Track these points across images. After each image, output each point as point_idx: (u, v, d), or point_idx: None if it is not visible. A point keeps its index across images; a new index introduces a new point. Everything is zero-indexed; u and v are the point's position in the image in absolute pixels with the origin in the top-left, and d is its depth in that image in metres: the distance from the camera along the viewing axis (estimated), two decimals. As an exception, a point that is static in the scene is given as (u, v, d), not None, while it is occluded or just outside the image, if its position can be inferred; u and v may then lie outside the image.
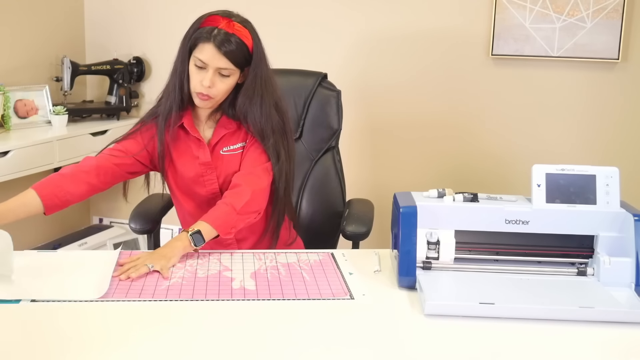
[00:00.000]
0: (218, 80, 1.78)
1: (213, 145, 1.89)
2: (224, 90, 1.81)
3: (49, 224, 3.37)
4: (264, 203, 1.84)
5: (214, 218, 1.73)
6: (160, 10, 3.37)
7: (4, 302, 1.43)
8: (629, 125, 2.95)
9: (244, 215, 1.77)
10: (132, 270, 1.57)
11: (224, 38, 1.75)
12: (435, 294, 1.43)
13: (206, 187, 1.90)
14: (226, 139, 1.89)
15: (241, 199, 1.76)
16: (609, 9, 2.82)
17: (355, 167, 3.09)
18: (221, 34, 1.75)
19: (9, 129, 2.94)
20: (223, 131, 1.88)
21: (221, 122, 1.89)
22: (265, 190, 1.83)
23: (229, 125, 1.88)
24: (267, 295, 1.49)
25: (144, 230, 2.05)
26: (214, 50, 1.75)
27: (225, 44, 1.75)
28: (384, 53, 3.11)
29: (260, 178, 1.83)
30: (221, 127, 1.89)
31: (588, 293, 1.48)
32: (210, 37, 1.75)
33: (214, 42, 1.75)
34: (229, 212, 1.74)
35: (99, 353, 1.24)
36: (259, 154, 1.86)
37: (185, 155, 1.90)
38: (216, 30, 1.76)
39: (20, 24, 3.10)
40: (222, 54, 1.75)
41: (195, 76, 1.80)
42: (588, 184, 1.54)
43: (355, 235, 2.02)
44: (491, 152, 3.09)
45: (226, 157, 1.89)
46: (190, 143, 1.89)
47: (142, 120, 1.94)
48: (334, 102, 2.27)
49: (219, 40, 1.75)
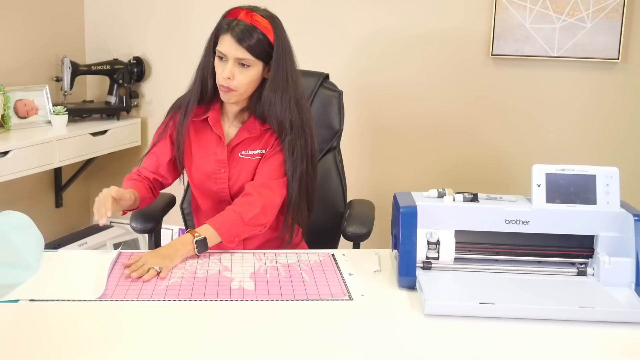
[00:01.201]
0: (238, 72, 1.79)
1: (233, 146, 1.90)
2: (245, 83, 1.81)
3: (49, 224, 3.37)
4: (272, 217, 1.84)
5: (221, 224, 1.74)
6: (160, 10, 3.37)
7: (3, 302, 1.43)
8: (629, 125, 2.95)
9: (251, 227, 1.78)
10: (140, 271, 1.57)
11: (242, 29, 1.76)
12: (435, 294, 1.43)
13: (217, 185, 1.91)
14: (247, 143, 1.90)
15: (251, 210, 1.77)
16: (609, 9, 2.82)
17: (356, 167, 3.09)
18: (240, 24, 1.77)
19: (9, 129, 2.95)
20: (246, 134, 1.89)
21: (247, 123, 1.90)
22: (276, 206, 1.84)
23: (254, 130, 1.89)
24: (266, 295, 1.49)
25: (145, 229, 2.05)
26: (231, 41, 1.77)
27: (243, 34, 1.76)
28: (385, 53, 3.11)
29: (273, 192, 1.83)
30: (245, 130, 1.89)
31: (588, 293, 1.48)
32: (229, 29, 1.78)
33: (232, 33, 1.77)
34: (236, 221, 1.75)
35: (98, 353, 1.24)
36: (277, 166, 1.86)
37: (205, 149, 1.91)
38: (235, 21, 1.78)
39: (21, 24, 3.10)
40: (239, 45, 1.76)
41: (218, 68, 1.82)
42: (588, 184, 1.54)
43: (355, 236, 2.02)
44: (491, 152, 3.09)
45: (242, 160, 1.89)
46: (212, 138, 1.91)
47: (169, 112, 1.99)
48: (336, 102, 2.27)
49: (236, 31, 1.76)
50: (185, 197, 2.25)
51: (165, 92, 3.37)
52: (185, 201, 2.26)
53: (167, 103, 1.99)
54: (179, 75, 3.33)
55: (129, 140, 3.36)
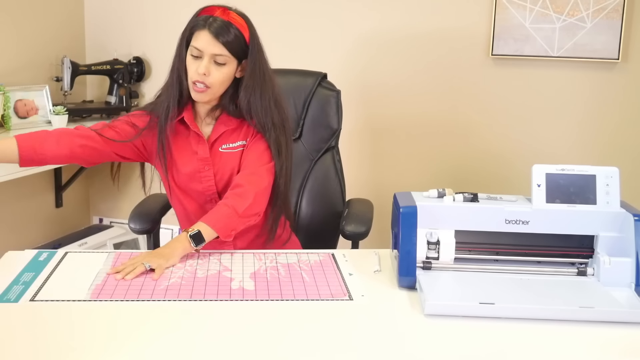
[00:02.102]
0: (214, 69, 1.78)
1: (212, 141, 1.88)
2: (220, 80, 1.79)
3: (49, 224, 3.37)
4: (265, 204, 1.84)
5: (215, 220, 1.73)
6: (160, 10, 3.37)
7: (3, 301, 1.43)
8: (629, 125, 2.95)
9: (245, 218, 1.77)
10: (129, 269, 1.57)
11: (219, 24, 1.76)
12: (435, 294, 1.43)
13: (203, 184, 1.89)
14: (225, 136, 1.88)
15: (244, 201, 1.76)
16: (609, 9, 2.82)
17: (355, 167, 3.09)
18: (217, 20, 1.76)
19: (9, 129, 2.94)
20: (223, 128, 1.88)
21: (221, 119, 1.88)
22: (267, 191, 1.83)
23: (229, 123, 1.88)
24: (266, 295, 1.49)
25: (144, 230, 2.05)
26: (209, 37, 1.75)
27: (220, 30, 1.75)
28: (384, 53, 3.11)
29: (262, 178, 1.82)
30: (221, 124, 1.88)
31: (588, 293, 1.48)
32: (205, 24, 1.76)
33: (209, 29, 1.75)
34: (230, 214, 1.74)
35: (98, 353, 1.24)
36: (261, 152, 1.85)
37: (185, 150, 1.89)
38: (211, 18, 1.77)
39: (21, 24, 3.10)
40: (217, 40, 1.75)
41: (192, 66, 1.79)
42: (588, 184, 1.54)
43: (354, 235, 2.02)
44: (491, 152, 3.09)
45: (225, 155, 1.88)
46: (190, 139, 1.89)
47: (140, 109, 1.95)
48: (334, 102, 2.27)
49: (214, 27, 1.75)
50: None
51: (165, 92, 3.38)
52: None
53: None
54: (179, 75, 3.35)
55: (129, 140, 3.36)
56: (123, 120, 1.90)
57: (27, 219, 3.24)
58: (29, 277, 1.56)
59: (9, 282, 1.52)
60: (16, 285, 1.51)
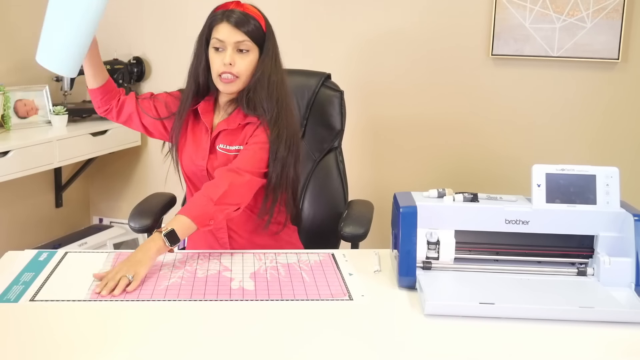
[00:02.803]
0: (238, 58, 1.83)
1: (213, 137, 1.90)
2: (246, 67, 1.83)
3: (49, 224, 3.37)
4: (246, 198, 1.79)
5: (191, 210, 1.70)
6: (160, 10, 3.37)
7: (3, 301, 1.43)
8: (629, 125, 2.95)
9: (222, 206, 1.72)
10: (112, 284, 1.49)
11: (237, 15, 1.82)
12: (435, 294, 1.43)
13: (198, 174, 1.93)
14: (224, 136, 1.89)
15: (218, 189, 1.73)
16: (609, 9, 2.81)
17: (357, 167, 3.08)
18: (235, 12, 1.83)
19: (9, 129, 2.95)
20: (224, 126, 1.89)
21: (231, 116, 1.90)
22: (245, 185, 1.78)
23: (233, 123, 1.88)
24: (266, 295, 1.49)
25: (143, 228, 2.04)
26: (229, 27, 1.81)
27: (239, 20, 1.81)
28: (385, 53, 3.11)
29: (240, 176, 1.78)
30: (224, 122, 1.90)
31: (588, 293, 1.48)
32: (223, 17, 1.83)
33: (228, 21, 1.82)
34: (205, 203, 1.71)
35: (98, 353, 1.24)
36: (250, 156, 1.82)
37: (196, 138, 1.93)
38: (229, 10, 1.84)
39: (20, 24, 3.10)
40: (237, 29, 1.81)
41: (216, 59, 1.84)
42: (588, 184, 1.54)
43: (352, 237, 2.01)
44: (491, 152, 3.09)
45: (220, 155, 1.89)
46: (202, 128, 1.93)
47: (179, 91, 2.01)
48: (337, 102, 2.27)
49: (233, 18, 1.82)
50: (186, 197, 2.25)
51: (165, 92, 3.38)
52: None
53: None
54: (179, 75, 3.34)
55: (129, 140, 3.36)
56: (162, 98, 2.00)
57: (27, 219, 3.24)
58: (29, 277, 1.56)
59: (9, 282, 1.53)
60: (16, 285, 1.51)
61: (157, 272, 1.60)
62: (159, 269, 1.62)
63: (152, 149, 3.46)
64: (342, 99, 2.27)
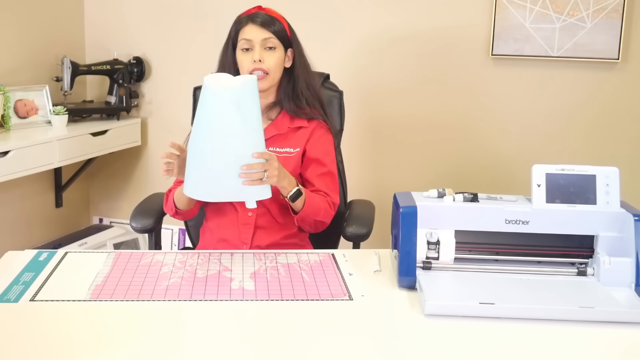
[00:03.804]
0: (266, 54, 1.89)
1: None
2: (275, 63, 1.90)
3: (49, 224, 3.37)
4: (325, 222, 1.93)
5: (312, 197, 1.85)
6: (160, 10, 3.37)
7: (3, 301, 1.43)
8: (629, 125, 2.95)
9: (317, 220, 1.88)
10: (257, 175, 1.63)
11: (262, 17, 1.91)
12: (435, 294, 1.43)
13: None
14: (274, 140, 1.94)
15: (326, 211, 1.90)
16: (609, 9, 2.82)
17: (356, 167, 3.08)
18: (259, 14, 1.92)
19: (9, 129, 2.95)
20: (274, 131, 1.95)
21: (277, 120, 1.96)
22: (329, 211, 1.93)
23: (282, 127, 1.95)
24: (266, 295, 1.49)
25: (145, 229, 2.04)
26: (255, 27, 1.89)
27: (265, 20, 1.90)
28: (384, 53, 3.11)
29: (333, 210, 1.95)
30: (273, 127, 1.95)
31: (588, 293, 1.48)
32: (249, 20, 1.91)
33: (254, 22, 1.90)
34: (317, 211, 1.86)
35: (98, 353, 1.24)
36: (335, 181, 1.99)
37: None
38: (253, 14, 1.92)
39: (20, 24, 3.10)
40: (264, 28, 1.89)
41: (245, 59, 1.90)
42: (588, 184, 1.54)
43: (355, 237, 2.02)
44: (491, 152, 3.09)
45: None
46: None
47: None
48: (337, 102, 2.26)
49: (258, 19, 1.90)
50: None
51: (165, 92, 3.38)
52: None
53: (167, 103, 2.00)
54: (179, 75, 3.35)
55: (129, 140, 3.36)
56: None
57: (27, 219, 3.24)
58: (29, 277, 1.56)
59: (9, 282, 1.53)
60: (16, 285, 1.52)
61: (157, 272, 1.60)
62: (159, 269, 1.63)
63: (152, 149, 3.46)
64: (341, 99, 2.27)
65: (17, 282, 1.53)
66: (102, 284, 1.53)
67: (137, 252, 1.73)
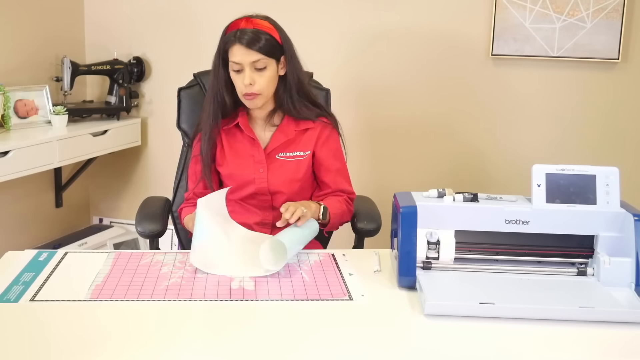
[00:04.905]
0: (257, 76, 1.86)
1: (270, 150, 1.95)
2: (266, 83, 1.88)
3: (49, 224, 3.37)
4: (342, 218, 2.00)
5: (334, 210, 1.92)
6: (160, 11, 3.36)
7: (3, 301, 1.43)
8: (629, 125, 2.95)
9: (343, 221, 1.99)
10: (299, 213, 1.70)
11: (248, 35, 1.84)
12: (435, 294, 1.43)
13: (257, 185, 1.95)
14: (284, 146, 1.96)
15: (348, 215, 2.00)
16: (609, 9, 2.82)
17: (355, 167, 3.07)
18: (245, 32, 1.84)
19: (9, 129, 2.94)
20: (283, 137, 1.96)
21: (282, 126, 1.96)
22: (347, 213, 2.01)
23: (289, 132, 1.96)
24: (266, 295, 1.49)
25: (153, 234, 2.01)
26: (242, 49, 1.84)
27: (251, 40, 1.83)
28: (384, 53, 3.11)
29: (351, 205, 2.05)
30: (281, 133, 1.96)
31: (588, 293, 1.48)
32: (235, 39, 1.84)
33: (240, 42, 1.84)
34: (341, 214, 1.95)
35: (98, 353, 1.24)
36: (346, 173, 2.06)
37: (240, 153, 1.97)
38: (239, 31, 1.85)
39: (20, 24, 3.10)
40: (250, 49, 1.83)
41: (237, 80, 1.88)
42: (588, 184, 1.54)
43: (366, 232, 2.04)
44: (491, 152, 3.09)
45: (280, 161, 1.95)
46: (246, 142, 1.97)
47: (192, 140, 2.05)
48: (323, 100, 2.26)
49: (244, 39, 1.83)
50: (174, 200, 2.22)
51: (165, 92, 3.37)
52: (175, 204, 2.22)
53: (167, 103, 2.00)
54: (179, 75, 3.34)
55: (129, 140, 3.36)
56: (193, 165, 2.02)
57: (27, 219, 3.24)
58: (29, 277, 1.56)
59: (9, 282, 1.53)
60: (16, 285, 1.52)
61: (157, 272, 1.60)
62: (159, 269, 1.62)
63: (152, 149, 3.46)
64: (328, 97, 2.26)
65: (17, 282, 1.53)
66: (102, 284, 1.53)
67: (137, 252, 1.73)
